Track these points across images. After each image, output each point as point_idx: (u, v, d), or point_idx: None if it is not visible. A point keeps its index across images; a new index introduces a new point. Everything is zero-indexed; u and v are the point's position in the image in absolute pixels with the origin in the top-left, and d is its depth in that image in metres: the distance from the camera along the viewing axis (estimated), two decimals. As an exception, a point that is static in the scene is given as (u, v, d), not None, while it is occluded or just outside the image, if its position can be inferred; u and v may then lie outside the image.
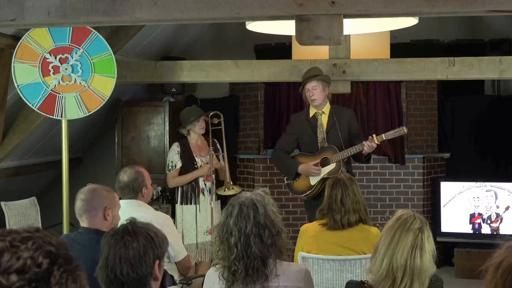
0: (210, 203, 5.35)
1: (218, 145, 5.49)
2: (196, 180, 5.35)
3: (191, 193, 5.34)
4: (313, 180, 4.86)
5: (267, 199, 2.52)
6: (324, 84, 4.89)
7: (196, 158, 5.38)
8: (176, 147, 5.44)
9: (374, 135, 4.71)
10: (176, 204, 5.48)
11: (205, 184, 5.37)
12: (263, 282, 2.45)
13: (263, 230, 2.44)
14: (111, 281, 2.13)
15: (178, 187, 5.42)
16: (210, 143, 5.41)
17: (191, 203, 5.34)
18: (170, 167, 5.40)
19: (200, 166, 5.36)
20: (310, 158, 4.89)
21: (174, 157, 5.39)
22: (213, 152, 5.35)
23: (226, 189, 5.33)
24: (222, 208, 5.24)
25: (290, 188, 5.04)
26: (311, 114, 4.96)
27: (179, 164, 5.37)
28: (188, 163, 5.36)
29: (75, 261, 1.07)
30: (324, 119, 4.92)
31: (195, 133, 5.41)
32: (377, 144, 4.71)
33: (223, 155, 5.47)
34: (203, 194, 5.35)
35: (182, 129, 5.49)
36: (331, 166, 4.80)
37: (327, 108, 4.94)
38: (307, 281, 2.59)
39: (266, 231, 2.44)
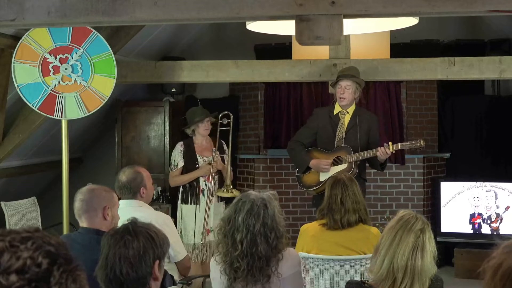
0: (211, 204, 5.33)
1: (225, 146, 5.47)
2: (197, 180, 5.32)
3: (191, 193, 5.31)
4: (323, 177, 4.88)
5: (274, 203, 2.53)
6: (357, 86, 4.90)
7: (198, 158, 5.34)
8: (179, 146, 5.41)
9: (390, 143, 4.71)
10: (177, 203, 5.47)
11: (205, 185, 5.33)
12: (265, 283, 2.44)
13: (270, 232, 2.45)
14: (110, 281, 2.13)
15: (180, 186, 5.40)
16: (216, 143, 5.39)
17: (191, 203, 5.31)
18: (172, 166, 5.38)
19: (202, 165, 5.33)
20: (324, 154, 4.91)
21: (176, 156, 5.37)
22: (217, 153, 5.32)
23: (224, 190, 5.32)
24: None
25: (299, 181, 5.07)
26: (335, 112, 4.97)
27: (181, 163, 5.33)
28: (190, 163, 5.33)
29: (75, 261, 1.07)
30: (346, 119, 4.93)
31: (199, 134, 5.39)
32: (392, 152, 4.71)
33: (226, 156, 5.45)
34: (203, 194, 5.33)
35: (186, 129, 5.47)
36: (343, 166, 4.81)
37: (351, 108, 4.95)
38: (300, 264, 2.64)
39: (273, 233, 2.45)
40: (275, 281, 2.47)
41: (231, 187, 5.34)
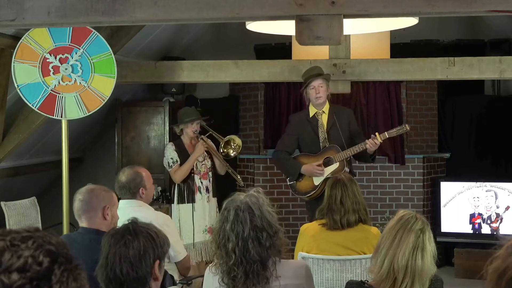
0: (208, 202, 5.35)
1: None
2: (191, 178, 5.33)
3: (187, 192, 5.32)
4: (317, 181, 4.85)
5: (261, 200, 2.50)
6: (327, 83, 4.91)
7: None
8: (171, 146, 5.43)
9: (377, 133, 4.72)
10: (172, 204, 5.43)
11: (201, 182, 5.35)
12: (264, 285, 2.43)
13: (261, 233, 2.42)
14: (110, 280, 2.13)
15: (174, 187, 5.39)
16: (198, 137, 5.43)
17: (188, 202, 5.32)
18: (171, 164, 5.33)
19: (196, 162, 5.34)
20: (312, 158, 4.88)
21: (172, 153, 5.35)
22: (200, 134, 5.39)
23: (231, 152, 5.37)
24: (218, 205, 5.30)
25: (293, 189, 5.02)
26: (311, 114, 4.96)
27: (179, 160, 5.34)
28: (185, 161, 5.34)
29: (75, 260, 1.07)
30: (324, 119, 4.92)
31: (187, 134, 5.41)
32: (380, 142, 4.71)
33: (211, 133, 5.48)
34: (200, 192, 5.34)
35: (175, 127, 5.51)
36: (335, 166, 4.80)
37: (327, 107, 4.95)
38: (308, 278, 2.58)
39: (264, 234, 2.42)
40: (275, 282, 2.45)
41: (225, 139, 5.39)
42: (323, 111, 4.93)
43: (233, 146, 5.46)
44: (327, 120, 4.91)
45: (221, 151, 5.42)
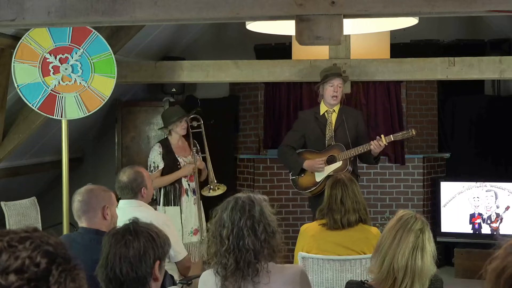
0: (194, 204, 5.30)
1: (198, 146, 5.42)
2: (179, 181, 5.24)
3: (174, 194, 5.23)
4: (319, 177, 4.88)
5: (263, 203, 2.49)
6: (344, 84, 4.97)
7: (178, 158, 5.28)
8: (158, 148, 5.31)
9: (382, 135, 4.72)
10: (158, 206, 5.29)
11: (188, 185, 5.28)
12: (254, 277, 2.40)
13: (258, 224, 2.40)
14: (110, 280, 2.13)
15: (160, 188, 5.27)
16: (191, 144, 5.35)
17: (174, 205, 5.23)
18: (152, 168, 5.23)
19: (184, 166, 5.28)
20: (317, 155, 4.91)
21: (156, 157, 5.26)
22: (196, 153, 5.32)
23: (211, 190, 5.30)
24: (205, 208, 5.19)
25: (294, 184, 5.05)
26: (321, 112, 4.98)
27: (161, 165, 5.24)
28: (172, 164, 5.25)
29: (74, 260, 1.07)
30: (333, 118, 4.95)
31: (177, 134, 5.33)
32: (385, 144, 4.72)
33: (204, 156, 5.40)
34: (187, 195, 5.27)
35: (163, 129, 5.42)
36: (337, 164, 4.82)
37: (337, 107, 4.98)
38: (304, 283, 2.53)
39: (261, 226, 2.41)
40: (265, 275, 2.42)
41: (216, 183, 5.34)
42: (334, 110, 4.96)
43: (213, 187, 5.34)
44: (335, 119, 4.94)
45: (210, 186, 5.35)
